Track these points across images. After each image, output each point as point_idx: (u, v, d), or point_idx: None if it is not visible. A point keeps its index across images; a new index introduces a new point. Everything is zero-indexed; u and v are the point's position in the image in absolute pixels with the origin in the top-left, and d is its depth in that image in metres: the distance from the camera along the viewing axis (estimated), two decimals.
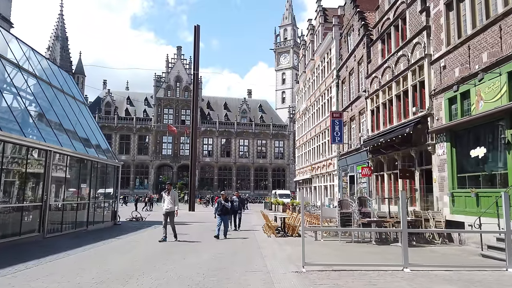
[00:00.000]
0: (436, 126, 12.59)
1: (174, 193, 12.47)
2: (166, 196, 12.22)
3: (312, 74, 32.94)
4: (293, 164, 70.03)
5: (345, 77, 23.65)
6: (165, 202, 12.20)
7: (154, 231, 15.41)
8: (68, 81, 18.18)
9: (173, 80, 68.29)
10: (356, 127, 21.43)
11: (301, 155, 38.59)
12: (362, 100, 20.07)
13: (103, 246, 10.66)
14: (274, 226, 13.93)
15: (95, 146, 16.79)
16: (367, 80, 19.22)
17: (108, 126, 64.33)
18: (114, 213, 18.35)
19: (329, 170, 27.07)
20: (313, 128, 31.78)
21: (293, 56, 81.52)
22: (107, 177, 17.89)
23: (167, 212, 12.04)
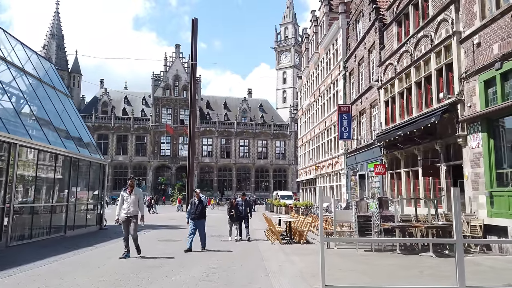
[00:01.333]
0: (469, 114, 10.74)
1: (139, 192, 9.00)
2: (128, 195, 8.79)
3: (316, 68, 31.12)
4: (295, 165, 68.27)
5: (354, 68, 21.81)
6: (126, 204, 8.77)
7: (141, 237, 13.55)
8: (48, 70, 16.37)
9: (172, 79, 66.58)
10: (366, 122, 19.58)
11: (304, 154, 36.73)
12: (374, 91, 18.23)
13: (71, 258, 8.80)
14: (278, 232, 12.06)
15: (76, 141, 14.95)
16: (379, 69, 17.39)
17: (105, 126, 62.69)
18: (100, 217, 16.49)
19: (335, 169, 25.21)
20: (317, 125, 29.94)
21: (294, 54, 79.72)
22: (92, 176, 16.03)
23: (128, 218, 8.71)
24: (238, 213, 12.73)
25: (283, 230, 12.77)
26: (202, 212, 10.52)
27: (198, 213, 10.38)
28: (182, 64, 66.70)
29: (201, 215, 10.50)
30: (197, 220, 10.42)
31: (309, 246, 11.43)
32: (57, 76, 17.01)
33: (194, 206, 10.47)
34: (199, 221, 10.45)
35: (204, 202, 10.73)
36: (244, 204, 12.99)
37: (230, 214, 12.73)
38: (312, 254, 9.89)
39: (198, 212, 10.37)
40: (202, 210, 10.52)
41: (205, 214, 10.75)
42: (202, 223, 10.62)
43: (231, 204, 12.97)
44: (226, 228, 15.37)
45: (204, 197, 11.11)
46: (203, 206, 10.58)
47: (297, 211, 29.36)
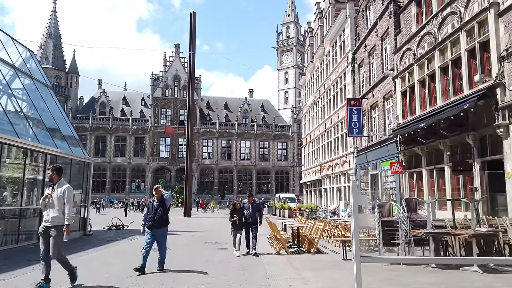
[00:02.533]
0: (511, 99, 8.98)
1: (66, 190, 5.95)
2: (51, 192, 5.95)
3: (321, 62, 29.40)
4: (297, 167, 66.45)
5: (364, 58, 20.08)
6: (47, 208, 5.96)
7: (125, 246, 11.79)
8: (25, 57, 14.67)
9: (171, 79, 65.01)
10: (379, 116, 17.83)
11: (308, 154, 34.95)
12: (389, 82, 16.49)
13: (24, 277, 7.05)
14: (285, 239, 10.28)
15: (56, 136, 13.22)
16: (395, 56, 15.66)
17: (103, 128, 61.11)
18: (83, 221, 14.74)
19: (343, 169, 23.43)
20: (323, 123, 28.18)
21: (296, 54, 77.98)
22: (74, 176, 14.30)
23: (46, 229, 5.90)
24: (245, 219, 9.96)
25: (289, 237, 10.99)
26: (163, 217, 7.38)
27: (158, 219, 7.30)
28: (182, 64, 65.09)
29: (162, 222, 7.40)
30: (156, 229, 7.34)
31: (321, 256, 9.66)
32: (37, 64, 15.30)
33: (152, 210, 7.38)
34: (158, 230, 7.37)
35: (168, 202, 7.62)
36: (251, 207, 10.04)
37: (232, 219, 9.98)
38: (328, 268, 8.11)
39: (157, 218, 7.30)
40: (163, 214, 7.39)
41: (168, 221, 7.67)
42: (163, 233, 7.52)
43: (233, 207, 10.18)
44: (225, 234, 13.59)
45: (167, 194, 7.78)
46: (165, 210, 7.47)
47: (301, 214, 27.63)
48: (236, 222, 9.85)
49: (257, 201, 10.58)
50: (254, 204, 10.16)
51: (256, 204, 10.23)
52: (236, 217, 9.87)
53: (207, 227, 20.00)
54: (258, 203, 10.35)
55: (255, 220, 10.08)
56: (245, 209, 10.04)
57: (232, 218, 10.02)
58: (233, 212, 10.10)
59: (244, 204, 10.14)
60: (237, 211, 9.99)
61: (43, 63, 61.81)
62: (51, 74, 61.31)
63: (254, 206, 10.11)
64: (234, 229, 9.99)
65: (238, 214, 9.90)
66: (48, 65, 61.60)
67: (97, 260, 9.21)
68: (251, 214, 9.99)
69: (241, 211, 10.00)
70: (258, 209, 10.19)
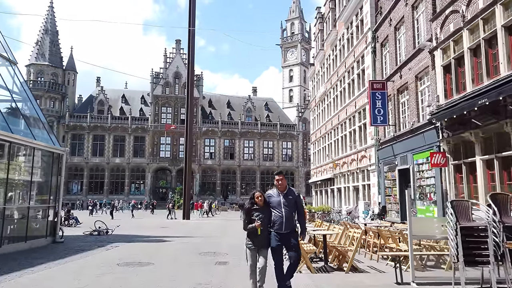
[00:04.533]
0: None
1: None
2: None
3: (333, 48, 26.57)
4: (303, 167, 63.61)
5: (388, 35, 17.26)
6: None
7: (92, 260, 8.97)
8: None
9: (172, 77, 62.51)
10: (410, 100, 14.96)
11: (317, 151, 32.08)
12: (423, 58, 13.66)
13: None
14: (308, 251, 7.43)
15: (11, 117, 10.51)
16: (433, 24, 12.84)
17: (101, 127, 58.66)
18: (52, 225, 11.99)
19: (362, 165, 20.56)
20: (336, 115, 25.34)
21: (301, 51, 75.25)
22: (39, 169, 11.57)
23: None
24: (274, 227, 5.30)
25: (313, 249, 8.12)
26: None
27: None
28: (182, 60, 62.46)
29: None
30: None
31: (361, 277, 6.84)
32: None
33: None
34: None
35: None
36: (285, 203, 5.33)
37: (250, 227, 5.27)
38: None
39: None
40: None
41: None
42: None
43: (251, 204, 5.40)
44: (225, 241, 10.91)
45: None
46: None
47: (312, 216, 24.84)
48: (258, 231, 5.14)
49: (296, 192, 5.63)
50: (290, 197, 5.36)
51: (293, 198, 5.39)
52: (258, 221, 5.14)
53: (205, 232, 17.21)
54: (297, 195, 5.55)
55: (293, 229, 5.31)
56: (273, 207, 5.34)
57: (249, 223, 5.28)
58: (250, 213, 5.32)
59: (271, 198, 5.41)
60: (257, 211, 5.28)
61: (39, 59, 59.54)
62: (47, 71, 59.04)
63: (290, 201, 5.33)
64: (253, 244, 5.21)
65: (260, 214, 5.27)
66: (45, 62, 59.31)
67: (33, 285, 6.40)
68: (286, 217, 5.23)
69: (266, 211, 5.30)
70: (298, 207, 5.43)
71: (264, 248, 5.25)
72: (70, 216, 21.12)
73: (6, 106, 11.19)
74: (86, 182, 57.44)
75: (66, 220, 20.65)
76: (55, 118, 56.68)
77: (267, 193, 5.58)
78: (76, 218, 21.14)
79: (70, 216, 21.07)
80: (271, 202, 5.39)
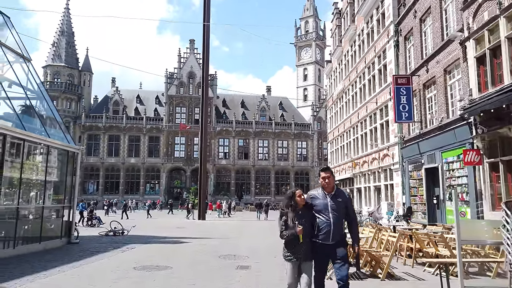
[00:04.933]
0: None
1: None
2: None
3: (352, 44, 25.78)
4: (318, 167, 62.67)
5: (412, 28, 16.44)
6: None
7: (107, 263, 8.56)
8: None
9: (186, 76, 62.40)
10: (438, 95, 14.14)
11: (335, 150, 31.30)
12: (453, 49, 12.85)
13: None
14: None
15: (25, 114, 10.21)
16: (465, 13, 12.04)
17: (116, 127, 58.96)
18: (67, 226, 11.67)
19: (384, 164, 19.76)
20: (355, 113, 24.54)
21: (315, 50, 74.20)
22: (54, 168, 11.27)
23: None
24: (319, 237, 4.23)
25: None
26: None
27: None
28: (197, 60, 62.32)
29: None
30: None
31: (398, 285, 6.21)
32: (12, 31, 12.32)
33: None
34: None
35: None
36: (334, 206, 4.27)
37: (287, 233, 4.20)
38: None
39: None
40: None
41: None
42: None
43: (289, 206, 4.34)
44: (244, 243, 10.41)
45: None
46: None
47: None
48: (299, 239, 4.12)
49: (347, 193, 4.61)
50: (339, 199, 4.32)
51: (343, 201, 4.35)
52: (298, 227, 4.11)
53: (223, 233, 16.73)
54: (348, 197, 4.50)
55: (343, 240, 4.34)
56: (318, 211, 4.29)
57: (287, 230, 4.21)
58: (287, 216, 4.29)
59: (316, 200, 4.36)
60: (297, 213, 4.25)
61: (55, 61, 60.28)
62: (64, 72, 59.71)
63: (340, 204, 4.30)
64: (293, 256, 4.18)
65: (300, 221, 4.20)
66: (61, 63, 60.02)
67: None
68: (334, 224, 4.21)
69: (307, 214, 4.27)
70: (349, 212, 4.41)
71: (308, 261, 4.16)
72: (93, 216, 20.86)
73: (20, 103, 10.92)
74: (102, 182, 57.84)
75: (89, 220, 20.38)
76: (71, 119, 57.26)
77: (310, 194, 4.53)
78: (99, 218, 20.71)
79: (93, 216, 20.78)
80: (315, 205, 4.29)
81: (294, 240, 4.13)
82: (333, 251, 4.21)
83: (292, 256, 4.15)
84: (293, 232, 4.10)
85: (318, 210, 4.28)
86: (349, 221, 4.44)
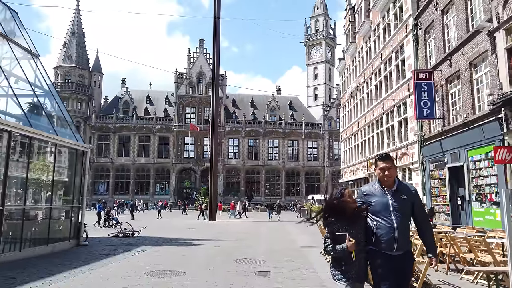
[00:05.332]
0: None
1: None
2: None
3: (367, 40, 25.04)
4: (329, 167, 61.82)
5: (433, 20, 15.70)
6: None
7: (116, 268, 8.06)
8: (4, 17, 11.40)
9: (195, 76, 62.17)
10: (463, 89, 13.38)
11: (349, 149, 30.55)
12: (481, 40, 12.11)
13: None
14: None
15: (33, 112, 9.81)
16: (493, 2, 11.30)
17: (126, 127, 59.00)
18: (76, 227, 11.25)
19: (402, 163, 19.01)
20: (370, 111, 23.81)
21: (326, 48, 73.28)
22: (62, 168, 10.86)
23: None
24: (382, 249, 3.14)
25: None
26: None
27: None
28: (206, 60, 62.07)
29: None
30: None
31: None
32: (20, 27, 11.98)
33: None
34: None
35: None
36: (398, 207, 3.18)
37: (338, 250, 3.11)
38: None
39: None
40: None
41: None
42: None
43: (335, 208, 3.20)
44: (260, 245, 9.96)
45: None
46: None
47: None
48: (352, 255, 3.06)
49: (412, 188, 3.40)
50: (403, 196, 3.23)
51: (408, 199, 3.25)
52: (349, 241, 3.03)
53: (236, 235, 16.19)
54: (414, 192, 3.35)
55: (409, 249, 3.31)
56: (375, 212, 3.22)
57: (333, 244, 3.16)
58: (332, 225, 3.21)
59: (371, 197, 3.29)
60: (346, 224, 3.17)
61: (66, 62, 60.57)
62: (74, 73, 59.99)
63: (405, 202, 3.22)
64: (344, 276, 3.17)
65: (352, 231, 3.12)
66: (72, 64, 60.35)
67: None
68: (398, 229, 3.13)
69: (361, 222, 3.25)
70: (417, 212, 3.32)
71: (361, 282, 3.25)
72: (111, 217, 20.43)
73: (28, 101, 10.54)
74: (112, 182, 57.90)
75: (106, 221, 19.92)
76: (82, 119, 57.46)
77: (363, 190, 3.39)
78: (116, 219, 20.04)
79: (111, 217, 20.34)
80: (371, 204, 3.22)
81: (344, 257, 3.11)
82: (398, 264, 3.12)
83: (342, 276, 3.16)
84: (344, 248, 3.04)
85: (376, 211, 3.19)
86: (419, 224, 3.34)
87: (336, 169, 58.42)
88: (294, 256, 9.68)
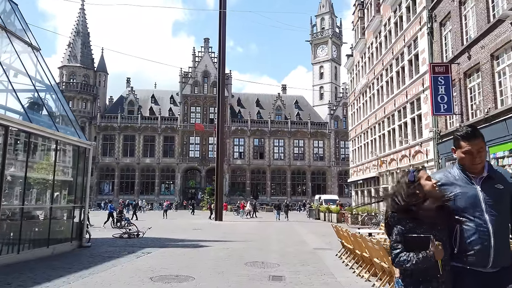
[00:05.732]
0: None
1: None
2: None
3: (377, 35, 24.38)
4: (335, 166, 61.09)
5: (450, 12, 15.03)
6: None
7: (119, 272, 7.51)
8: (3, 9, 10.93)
9: (200, 76, 61.69)
10: (484, 83, 12.71)
11: (358, 148, 29.86)
12: (504, 31, 11.44)
13: None
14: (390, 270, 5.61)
15: (33, 108, 9.32)
16: None
17: (131, 127, 58.68)
18: (79, 228, 10.75)
19: (416, 161, 18.33)
20: (381, 108, 23.13)
21: (331, 47, 72.48)
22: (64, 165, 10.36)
23: None
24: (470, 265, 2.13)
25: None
26: None
27: None
28: (211, 59, 61.61)
29: None
30: None
31: None
32: (20, 20, 11.50)
33: None
34: None
35: None
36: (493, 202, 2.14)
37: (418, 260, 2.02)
38: None
39: None
40: None
41: None
42: None
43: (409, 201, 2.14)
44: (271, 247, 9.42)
45: None
46: None
47: (356, 219, 22.88)
48: (439, 267, 2.04)
49: (510, 174, 2.30)
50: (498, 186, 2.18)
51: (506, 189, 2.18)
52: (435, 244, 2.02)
53: (244, 236, 15.62)
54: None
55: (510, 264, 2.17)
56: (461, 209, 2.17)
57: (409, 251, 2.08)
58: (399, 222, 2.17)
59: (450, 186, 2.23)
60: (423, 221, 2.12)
61: (71, 61, 60.40)
62: (79, 72, 59.78)
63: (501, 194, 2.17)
64: None
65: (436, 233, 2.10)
66: (77, 64, 60.14)
67: None
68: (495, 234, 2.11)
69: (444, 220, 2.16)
70: None
71: None
72: (123, 217, 19.86)
73: (28, 95, 10.06)
74: (117, 182, 57.61)
75: (118, 221, 19.31)
76: (87, 119, 57.26)
77: (436, 179, 2.30)
78: (128, 220, 19.40)
79: (123, 217, 19.75)
80: (453, 197, 2.20)
81: (426, 269, 2.06)
82: (496, 284, 2.15)
83: None
84: (426, 256, 2.01)
85: (459, 209, 2.17)
86: None
87: (343, 168, 57.72)
88: (309, 259, 9.09)
